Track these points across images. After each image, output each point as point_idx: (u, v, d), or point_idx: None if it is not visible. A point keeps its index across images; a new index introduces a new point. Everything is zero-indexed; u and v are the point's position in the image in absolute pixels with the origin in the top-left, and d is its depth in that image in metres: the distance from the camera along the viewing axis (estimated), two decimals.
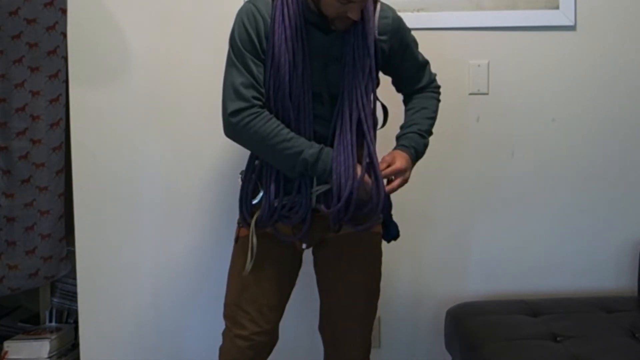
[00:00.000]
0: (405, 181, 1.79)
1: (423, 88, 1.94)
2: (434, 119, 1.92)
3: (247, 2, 1.78)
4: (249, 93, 1.67)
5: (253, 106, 1.68)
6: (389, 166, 1.76)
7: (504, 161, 2.37)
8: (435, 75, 1.97)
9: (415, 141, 1.84)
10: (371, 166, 1.73)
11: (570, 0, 2.30)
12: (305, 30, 1.72)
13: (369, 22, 1.74)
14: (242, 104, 1.67)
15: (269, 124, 1.68)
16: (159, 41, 2.33)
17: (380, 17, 1.79)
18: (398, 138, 1.87)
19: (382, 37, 1.79)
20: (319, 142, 1.74)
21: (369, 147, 1.73)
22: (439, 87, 1.98)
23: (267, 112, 1.70)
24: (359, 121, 1.73)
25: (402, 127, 1.90)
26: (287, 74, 1.70)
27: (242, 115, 1.67)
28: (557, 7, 2.31)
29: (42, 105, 2.57)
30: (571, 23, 2.32)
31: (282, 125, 1.70)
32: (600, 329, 2.03)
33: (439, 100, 1.96)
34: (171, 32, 2.33)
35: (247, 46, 1.71)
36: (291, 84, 1.71)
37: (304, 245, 1.84)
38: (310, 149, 1.69)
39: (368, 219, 1.76)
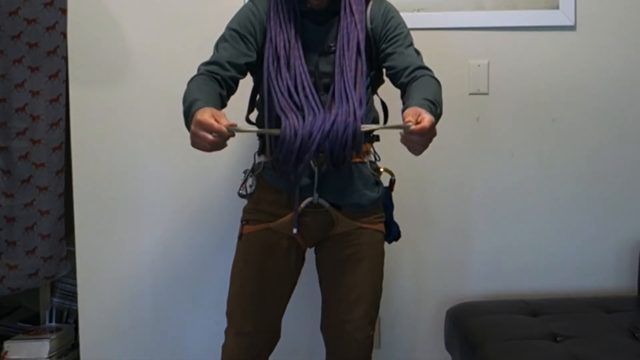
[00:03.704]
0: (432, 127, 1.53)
1: (416, 69, 1.77)
2: (439, 95, 1.69)
3: (248, 0, 1.88)
4: (206, 67, 1.74)
5: (199, 74, 1.74)
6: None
7: (504, 161, 2.38)
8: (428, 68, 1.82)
9: (427, 106, 1.60)
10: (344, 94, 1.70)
11: (570, 0, 2.30)
12: (300, 22, 1.79)
13: (360, 10, 1.79)
14: (197, 73, 1.75)
15: (195, 82, 1.70)
16: (159, 41, 2.33)
17: (372, 9, 1.83)
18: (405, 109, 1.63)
19: (373, 25, 1.82)
20: None
21: (351, 97, 1.70)
22: (431, 70, 1.79)
23: (203, 78, 1.71)
24: (348, 80, 1.73)
25: (404, 103, 1.69)
26: (283, 49, 1.76)
27: (195, 75, 1.75)
28: (557, 7, 2.31)
29: (42, 105, 2.57)
30: (571, 23, 2.32)
31: (203, 85, 1.68)
32: (600, 329, 2.03)
33: (438, 80, 1.75)
34: (171, 32, 2.33)
35: (242, 22, 1.79)
36: (287, 59, 1.75)
37: (294, 231, 1.81)
38: (190, 99, 1.62)
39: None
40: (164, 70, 2.34)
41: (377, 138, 1.90)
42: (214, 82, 1.71)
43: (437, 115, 1.62)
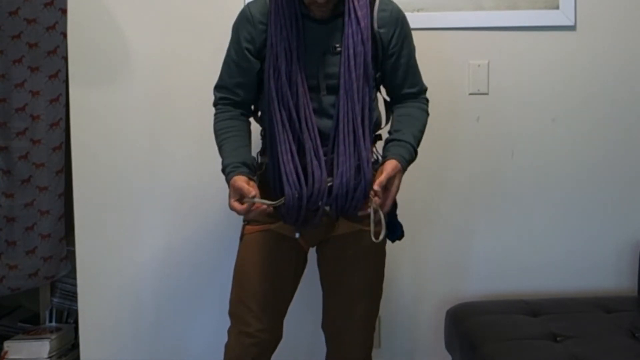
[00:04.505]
0: (396, 189, 1.75)
1: (414, 95, 1.88)
2: (423, 133, 1.85)
3: (245, 5, 1.86)
4: (219, 94, 1.87)
5: (217, 105, 1.88)
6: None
7: (504, 161, 2.38)
8: (426, 89, 1.92)
9: (408, 152, 1.78)
10: (361, 168, 1.75)
11: (570, 0, 2.30)
12: (302, 22, 1.77)
13: (364, 12, 1.76)
14: (214, 102, 1.89)
15: (219, 124, 1.84)
16: (159, 41, 2.33)
17: (379, 10, 1.81)
18: (390, 142, 1.81)
19: (382, 30, 1.80)
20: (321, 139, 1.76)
21: (358, 146, 1.75)
22: (428, 100, 1.91)
23: (223, 112, 1.85)
24: (354, 118, 1.75)
25: (393, 132, 1.83)
26: (284, 62, 1.75)
27: (215, 109, 1.89)
28: (557, 7, 2.31)
29: (42, 105, 2.57)
30: (571, 23, 2.32)
31: (226, 126, 1.82)
32: (600, 329, 2.03)
33: (428, 115, 1.89)
34: (171, 32, 2.33)
35: (235, 47, 1.83)
36: (289, 72, 1.75)
37: (297, 235, 1.83)
38: (223, 161, 1.77)
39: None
40: (164, 70, 2.34)
41: (379, 137, 1.90)
42: (232, 108, 1.84)
43: (413, 159, 1.80)
